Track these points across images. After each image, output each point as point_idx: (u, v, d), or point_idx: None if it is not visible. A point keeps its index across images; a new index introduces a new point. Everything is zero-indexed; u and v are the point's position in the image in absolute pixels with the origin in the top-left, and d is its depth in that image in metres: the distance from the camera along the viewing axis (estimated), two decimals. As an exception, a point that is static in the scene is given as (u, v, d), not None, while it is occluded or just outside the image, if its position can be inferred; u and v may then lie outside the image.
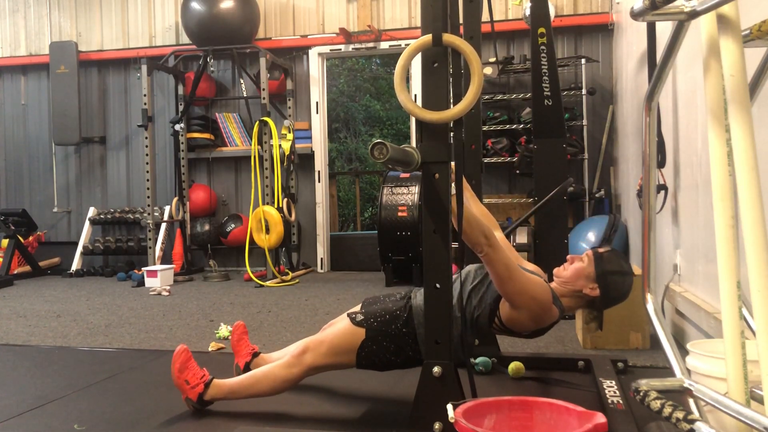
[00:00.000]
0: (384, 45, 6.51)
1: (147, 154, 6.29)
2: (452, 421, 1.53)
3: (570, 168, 5.71)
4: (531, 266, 2.23)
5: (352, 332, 2.14)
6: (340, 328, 2.17)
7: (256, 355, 2.51)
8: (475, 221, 1.90)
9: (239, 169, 6.90)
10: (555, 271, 2.21)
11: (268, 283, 5.65)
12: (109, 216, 6.87)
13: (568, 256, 2.21)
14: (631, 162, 4.82)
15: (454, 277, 1.93)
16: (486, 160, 5.77)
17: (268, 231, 5.73)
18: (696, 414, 1.44)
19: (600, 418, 1.48)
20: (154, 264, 6.20)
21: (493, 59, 5.79)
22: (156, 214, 6.41)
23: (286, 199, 6.11)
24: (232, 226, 6.57)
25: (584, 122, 5.85)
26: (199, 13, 6.24)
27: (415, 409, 1.82)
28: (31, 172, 7.40)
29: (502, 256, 1.93)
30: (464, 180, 2.06)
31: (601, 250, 2.18)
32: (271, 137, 6.05)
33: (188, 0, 6.30)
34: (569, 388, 2.38)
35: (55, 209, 7.29)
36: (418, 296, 2.14)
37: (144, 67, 6.24)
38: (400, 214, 5.32)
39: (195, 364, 2.22)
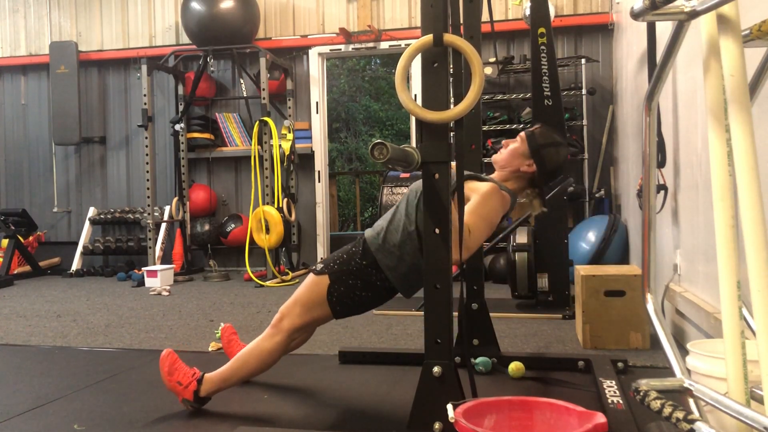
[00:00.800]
0: (384, 45, 6.51)
1: (147, 154, 6.30)
2: (452, 421, 1.53)
3: (570, 168, 5.72)
4: (476, 185, 2.17)
5: (317, 282, 2.18)
6: (305, 283, 2.23)
7: None
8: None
9: (239, 169, 6.90)
10: (493, 158, 2.32)
11: (268, 283, 5.65)
12: (109, 216, 6.87)
13: (503, 141, 2.32)
14: (631, 162, 4.82)
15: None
16: (486, 160, 5.77)
17: (268, 231, 5.73)
18: (696, 414, 1.44)
19: (600, 418, 1.48)
20: (154, 264, 6.20)
21: (493, 59, 5.79)
22: (156, 214, 6.41)
23: (286, 199, 6.11)
24: (232, 226, 6.57)
25: (584, 122, 5.85)
26: (199, 13, 6.24)
27: (415, 409, 1.82)
28: (31, 172, 7.40)
29: (471, 246, 2.01)
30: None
31: (532, 128, 2.31)
32: (271, 137, 6.05)
33: (188, 0, 6.30)
34: (569, 388, 2.38)
35: (55, 209, 7.29)
36: (368, 230, 2.22)
37: (144, 67, 6.24)
38: (400, 214, 5.30)
39: (183, 364, 2.22)
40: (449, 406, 1.57)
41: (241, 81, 6.53)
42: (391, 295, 2.20)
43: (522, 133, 2.29)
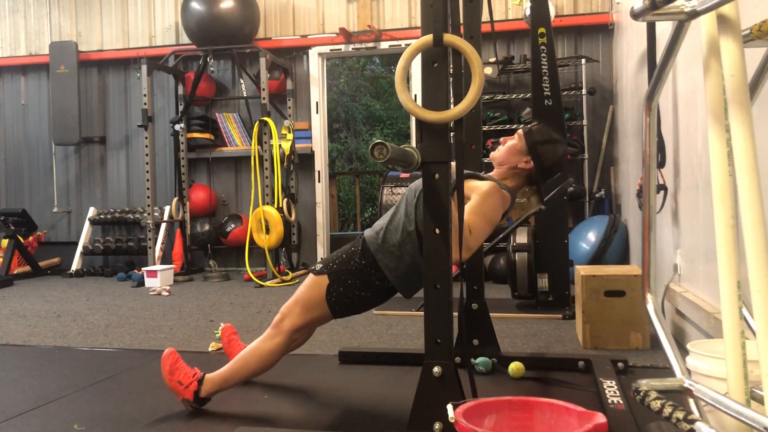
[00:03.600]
0: (384, 45, 6.51)
1: (147, 154, 6.29)
2: (452, 421, 1.53)
3: (570, 168, 5.72)
4: (478, 184, 2.17)
5: (316, 282, 2.19)
6: (305, 284, 2.23)
7: None
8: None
9: (239, 169, 6.90)
10: (491, 155, 2.34)
11: (268, 283, 5.65)
12: (109, 216, 6.87)
13: (501, 139, 2.34)
14: (631, 162, 4.82)
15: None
16: (486, 160, 5.76)
17: (268, 231, 5.73)
18: (696, 414, 1.44)
19: (600, 418, 1.48)
20: (154, 264, 6.20)
21: (493, 59, 5.79)
22: (156, 214, 6.41)
23: (286, 199, 6.11)
24: (232, 226, 6.57)
25: (584, 122, 5.85)
26: (199, 13, 6.24)
27: (415, 409, 1.82)
28: (31, 172, 7.40)
29: (471, 245, 2.01)
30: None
31: (530, 125, 2.31)
32: (271, 137, 6.05)
33: (188, 0, 6.30)
34: (569, 388, 2.38)
35: (55, 209, 7.29)
36: (367, 230, 2.22)
37: (144, 67, 6.23)
38: (400, 214, 5.30)
39: (184, 364, 2.22)
40: (449, 406, 1.57)
41: (241, 81, 6.53)
42: (390, 295, 2.21)
43: (519, 130, 2.31)
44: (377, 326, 3.72)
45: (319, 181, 6.72)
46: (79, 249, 6.76)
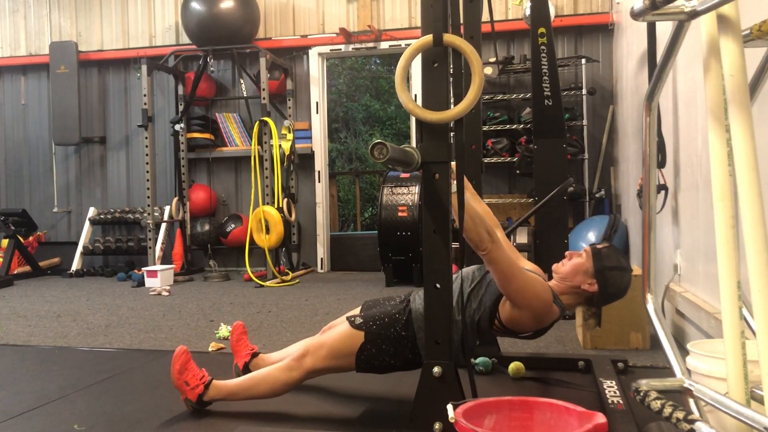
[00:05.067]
0: (384, 45, 6.51)
1: (147, 154, 6.29)
2: (452, 421, 1.53)
3: (570, 168, 5.71)
4: (531, 265, 2.23)
5: (351, 336, 2.13)
6: (339, 332, 2.17)
7: (255, 355, 2.50)
8: (479, 218, 1.90)
9: (239, 169, 6.90)
10: (554, 267, 2.21)
11: (268, 283, 5.65)
12: (109, 216, 6.87)
13: (567, 253, 2.22)
14: (631, 162, 4.82)
15: (454, 277, 1.93)
16: (486, 160, 5.77)
17: (268, 231, 5.73)
18: (696, 414, 1.44)
19: (600, 418, 1.48)
20: (154, 264, 6.20)
21: (493, 59, 5.79)
22: (156, 214, 6.41)
23: (286, 199, 6.11)
24: (232, 226, 6.57)
25: (584, 122, 5.85)
26: (199, 13, 6.24)
27: (415, 409, 1.82)
28: (31, 172, 7.40)
29: (505, 255, 1.93)
30: (465, 179, 2.06)
31: (599, 246, 2.19)
32: (271, 137, 6.05)
33: (188, 0, 6.30)
34: (569, 388, 2.38)
35: (55, 209, 7.29)
36: (417, 300, 2.13)
37: (144, 67, 6.23)
38: (400, 214, 5.32)
39: (194, 365, 2.22)
40: (449, 406, 1.57)
41: (241, 81, 6.52)
42: (414, 368, 2.13)
43: (588, 248, 2.18)
44: (377, 326, 3.71)
45: (319, 181, 6.72)
46: (79, 249, 6.76)
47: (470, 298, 2.12)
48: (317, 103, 6.70)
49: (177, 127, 6.54)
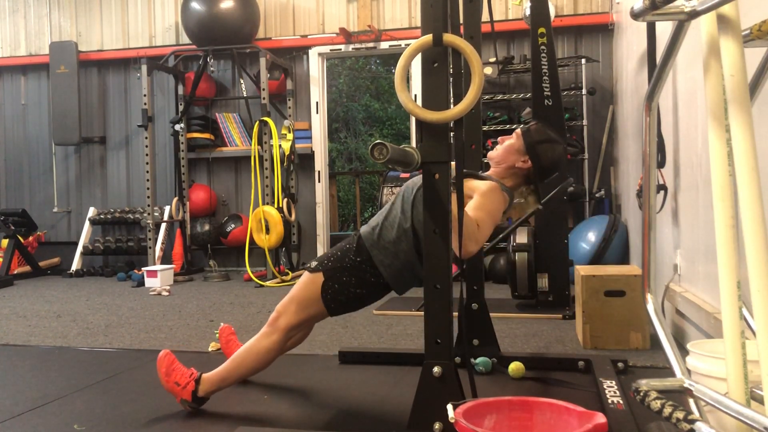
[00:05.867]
0: (384, 45, 6.51)
1: (147, 154, 6.29)
2: (452, 421, 1.53)
3: (570, 168, 5.71)
4: (477, 184, 2.18)
5: (311, 280, 2.19)
6: (300, 281, 2.24)
7: None
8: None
9: (239, 169, 6.90)
10: (489, 154, 2.33)
11: (268, 283, 5.65)
12: (109, 216, 6.87)
13: (499, 138, 2.35)
14: (631, 162, 4.82)
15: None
16: (486, 159, 5.76)
17: (268, 231, 5.73)
18: (696, 414, 1.44)
19: (600, 418, 1.48)
20: (154, 264, 6.20)
21: (493, 59, 5.79)
22: (156, 214, 6.41)
23: (286, 199, 6.11)
24: (232, 226, 6.57)
25: (584, 122, 5.85)
26: (199, 13, 6.24)
27: (415, 409, 1.82)
28: (31, 172, 7.40)
29: (478, 239, 2.00)
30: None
31: (528, 125, 2.31)
32: (271, 137, 6.05)
33: (188, 0, 6.30)
34: (569, 388, 2.38)
35: (55, 209, 7.29)
36: (363, 226, 2.23)
37: (144, 67, 6.23)
38: (400, 214, 5.31)
39: (180, 365, 2.22)
40: (449, 406, 1.57)
41: (241, 81, 6.53)
42: (386, 292, 2.22)
43: (518, 130, 2.31)
44: (377, 326, 3.72)
45: (319, 181, 6.72)
46: (79, 249, 6.76)
47: (415, 204, 2.14)
48: (317, 103, 6.70)
49: (177, 127, 6.54)
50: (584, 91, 5.83)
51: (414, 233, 2.11)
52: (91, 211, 6.95)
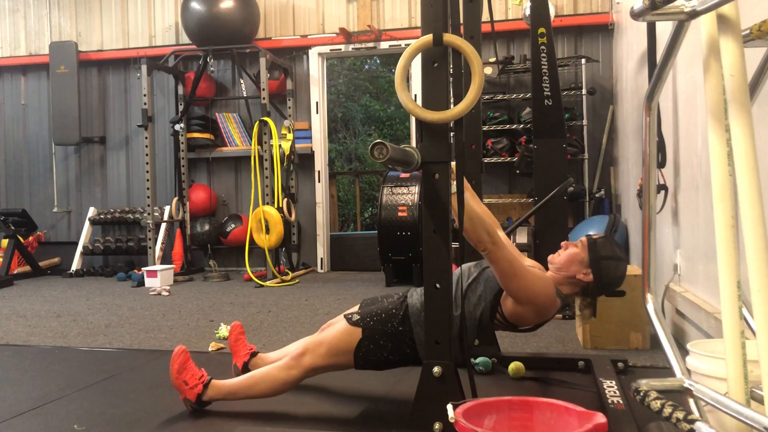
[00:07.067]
0: (384, 45, 6.51)
1: (147, 154, 6.29)
2: (452, 421, 1.53)
3: (570, 168, 5.71)
4: (530, 262, 2.24)
5: (349, 332, 2.14)
6: (337, 329, 2.17)
7: (254, 354, 2.51)
8: (479, 219, 1.91)
9: (239, 169, 6.90)
10: (549, 257, 2.22)
11: (268, 283, 5.65)
12: (109, 216, 6.87)
13: (563, 243, 2.23)
14: (631, 162, 4.82)
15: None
16: (486, 160, 5.77)
17: (268, 231, 5.73)
18: (696, 414, 1.44)
19: (600, 418, 1.48)
20: (154, 264, 6.20)
21: (493, 59, 5.79)
22: (156, 214, 6.41)
23: (286, 199, 6.11)
24: (232, 226, 6.57)
25: (584, 122, 5.86)
26: (199, 13, 6.24)
27: (415, 409, 1.82)
28: (31, 172, 7.40)
29: (506, 253, 1.94)
30: (464, 179, 2.06)
31: (595, 236, 2.21)
32: (271, 137, 6.05)
33: (188, 0, 6.30)
34: (569, 388, 2.38)
35: (55, 209, 7.29)
36: (414, 295, 2.15)
37: (144, 67, 6.23)
38: (400, 214, 5.32)
39: (193, 364, 2.21)
40: (449, 406, 1.57)
41: (241, 81, 6.53)
42: (414, 364, 2.14)
43: (583, 238, 2.19)
44: (377, 326, 3.71)
45: (319, 181, 6.72)
46: (79, 249, 6.76)
47: (468, 293, 2.13)
48: (317, 103, 6.70)
49: (177, 127, 6.54)
50: (584, 91, 5.83)
51: (461, 321, 2.04)
52: (91, 211, 6.95)
